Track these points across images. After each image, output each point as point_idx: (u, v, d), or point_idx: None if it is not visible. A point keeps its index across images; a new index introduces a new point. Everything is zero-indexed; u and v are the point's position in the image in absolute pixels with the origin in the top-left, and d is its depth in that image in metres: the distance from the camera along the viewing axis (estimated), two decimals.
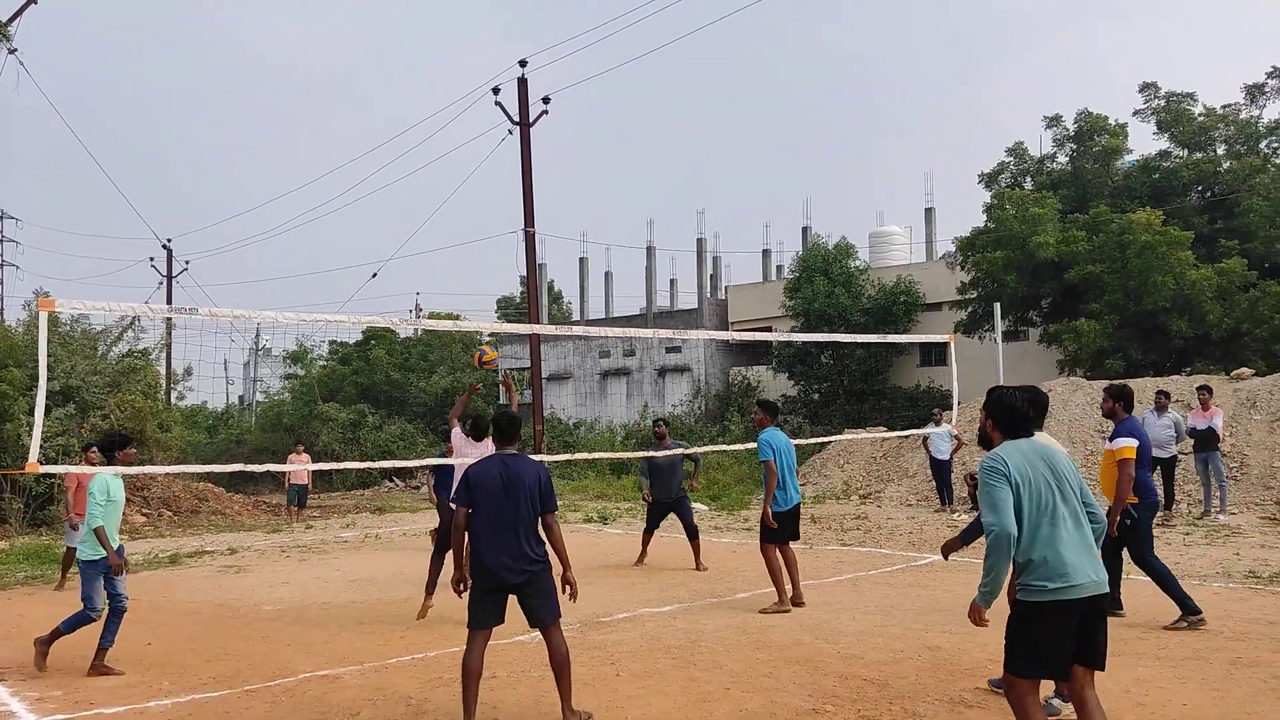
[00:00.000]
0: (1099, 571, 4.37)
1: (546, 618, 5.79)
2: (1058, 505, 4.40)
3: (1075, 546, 4.35)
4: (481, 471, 5.85)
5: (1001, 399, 4.64)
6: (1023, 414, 4.61)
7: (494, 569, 5.69)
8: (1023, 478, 4.40)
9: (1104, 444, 8.80)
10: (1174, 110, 27.13)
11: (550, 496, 5.87)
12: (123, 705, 6.50)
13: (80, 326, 22.39)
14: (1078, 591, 4.29)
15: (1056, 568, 4.30)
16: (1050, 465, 4.49)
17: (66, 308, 7.32)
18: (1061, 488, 4.45)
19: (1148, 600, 8.97)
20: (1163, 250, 22.80)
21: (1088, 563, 4.35)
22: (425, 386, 40.93)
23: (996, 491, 4.38)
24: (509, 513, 5.72)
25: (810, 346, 31.29)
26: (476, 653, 5.75)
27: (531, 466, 5.88)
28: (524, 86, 25.35)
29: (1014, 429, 4.61)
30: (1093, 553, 4.41)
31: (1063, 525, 4.37)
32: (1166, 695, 6.06)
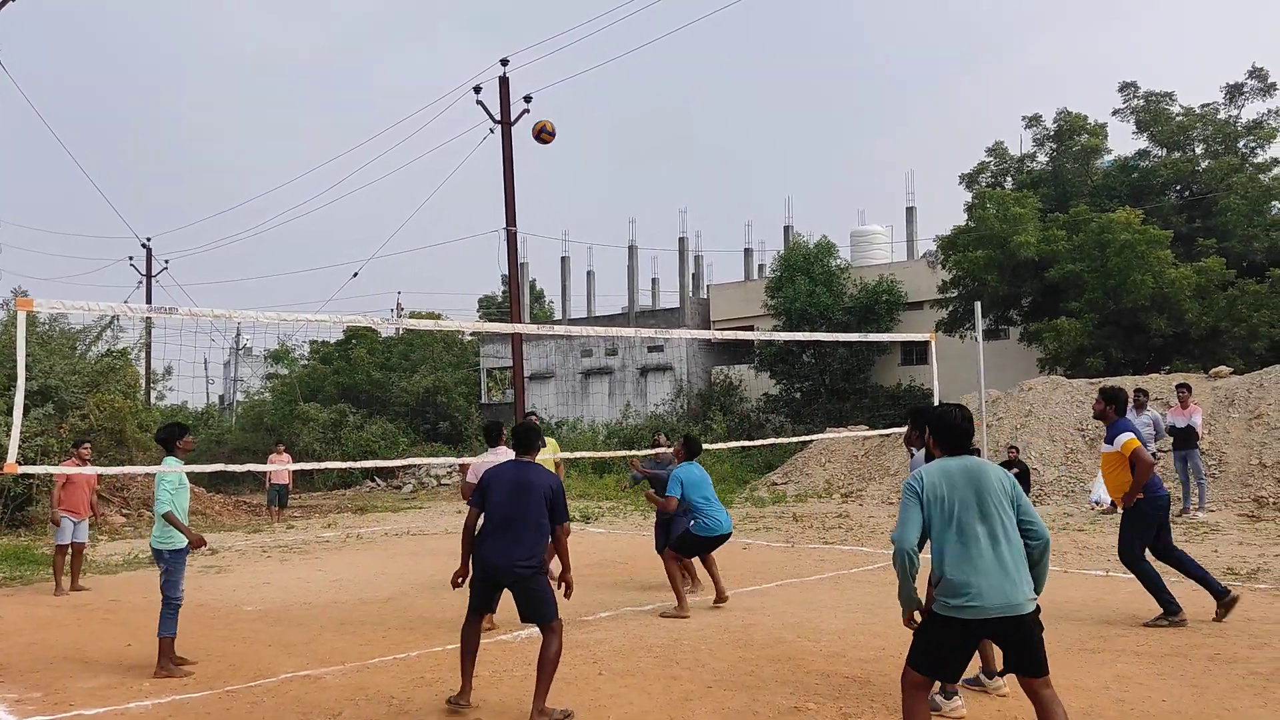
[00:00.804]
0: (1015, 593, 4.34)
1: (538, 618, 6.04)
2: (973, 525, 4.43)
3: (986, 568, 4.36)
4: (495, 475, 6.22)
5: (943, 417, 4.69)
6: (963, 431, 4.67)
7: (489, 565, 6.02)
8: (936, 496, 4.50)
9: (1097, 444, 8.87)
10: (1153, 110, 27.31)
11: (561, 508, 6.15)
12: (103, 706, 6.46)
13: (59, 326, 22.23)
14: (978, 613, 4.33)
15: (958, 587, 4.37)
16: (976, 485, 4.51)
17: (45, 307, 7.28)
18: (983, 508, 4.47)
19: (1127, 597, 9.05)
20: (1142, 249, 22.96)
21: (999, 584, 4.34)
22: (407, 386, 40.78)
23: (906, 508, 4.56)
24: (513, 515, 6.02)
25: (792, 345, 31.36)
26: (472, 629, 6.20)
27: (544, 476, 6.16)
28: (505, 85, 25.30)
29: (953, 446, 4.67)
30: (1011, 574, 4.37)
31: (975, 545, 4.40)
32: (1146, 691, 6.11)
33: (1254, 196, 24.79)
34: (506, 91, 25.28)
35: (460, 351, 45.85)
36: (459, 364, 44.49)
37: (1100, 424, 8.32)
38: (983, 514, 4.46)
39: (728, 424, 31.89)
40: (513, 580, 5.99)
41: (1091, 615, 8.27)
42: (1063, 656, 6.93)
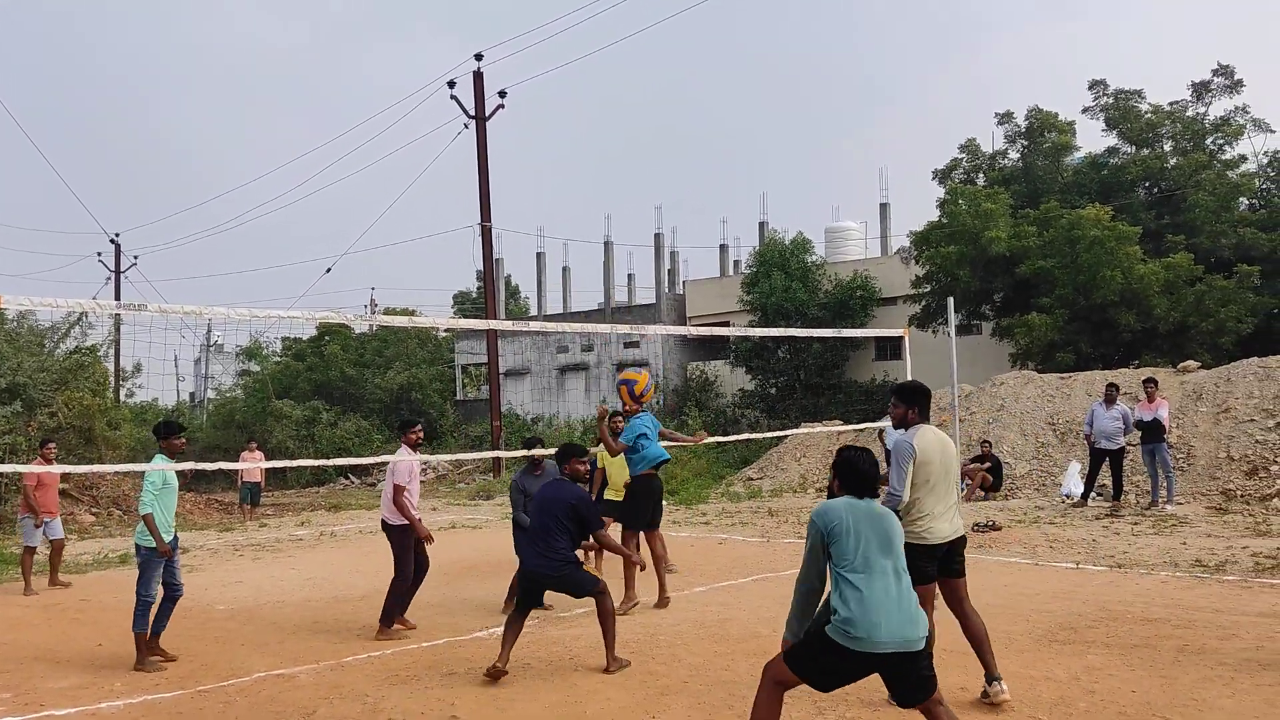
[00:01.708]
0: (912, 630, 4.44)
1: (584, 594, 6.99)
2: (878, 559, 4.52)
3: (883, 605, 4.42)
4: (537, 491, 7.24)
5: (849, 460, 4.80)
6: (867, 474, 4.77)
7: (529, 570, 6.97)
8: (838, 531, 4.57)
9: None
10: (1122, 107, 27.55)
11: (591, 519, 6.98)
12: (74, 707, 6.40)
13: (26, 323, 21.95)
14: (871, 646, 4.37)
15: (854, 622, 4.39)
16: (878, 525, 4.62)
17: (13, 304, 7.18)
18: (890, 543, 4.60)
19: (1097, 589, 9.15)
20: (1111, 245, 23.16)
21: (896, 621, 4.41)
22: (381, 383, 40.58)
23: (808, 542, 4.71)
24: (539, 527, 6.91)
25: (767, 341, 31.44)
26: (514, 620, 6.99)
27: (570, 491, 7.00)
28: (480, 80, 25.24)
29: (856, 488, 4.76)
30: (909, 611, 4.47)
31: (880, 579, 4.48)
32: (1116, 682, 6.18)
33: (1222, 193, 25.08)
34: (481, 87, 25.22)
35: (435, 348, 45.66)
36: (433, 360, 44.30)
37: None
38: (887, 549, 4.58)
39: (703, 419, 31.93)
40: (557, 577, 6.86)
41: (1062, 607, 8.35)
42: (1033, 648, 7.00)
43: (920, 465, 5.74)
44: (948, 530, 5.81)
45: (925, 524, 5.75)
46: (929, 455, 5.78)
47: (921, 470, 5.74)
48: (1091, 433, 14.49)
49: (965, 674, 6.33)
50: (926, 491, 5.76)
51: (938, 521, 5.78)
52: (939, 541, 5.78)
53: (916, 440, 5.81)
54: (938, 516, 5.78)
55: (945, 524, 5.81)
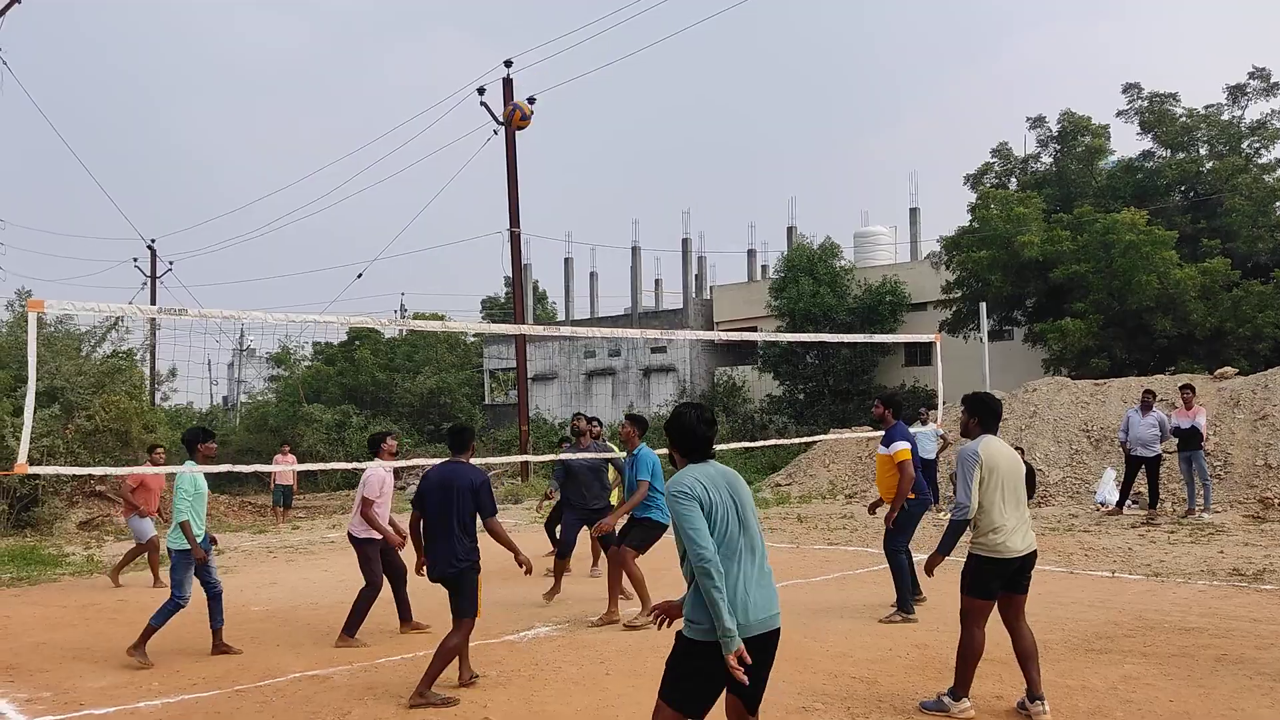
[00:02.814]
0: (774, 607, 4.07)
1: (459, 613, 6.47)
2: (739, 537, 4.05)
3: (751, 583, 4.01)
4: (427, 479, 6.64)
5: (680, 419, 4.23)
6: (702, 435, 4.19)
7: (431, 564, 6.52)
8: (712, 504, 4.03)
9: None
10: (1157, 111, 27.31)
11: (487, 503, 6.50)
12: (113, 706, 6.48)
13: (65, 327, 22.28)
14: (742, 631, 3.92)
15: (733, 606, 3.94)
16: (733, 493, 4.13)
17: (55, 308, 7.31)
18: (744, 517, 4.10)
19: (1133, 598, 9.05)
20: (1147, 250, 22.95)
21: (763, 600, 4.02)
22: (410, 387, 40.84)
23: (690, 517, 3.98)
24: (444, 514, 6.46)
25: (795, 346, 31.38)
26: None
27: (468, 474, 6.54)
28: (509, 87, 25.35)
29: (692, 450, 4.20)
30: (768, 588, 4.08)
31: (739, 559, 4.02)
32: (1154, 692, 6.12)
33: (1259, 197, 24.78)
34: (510, 93, 25.32)
35: (464, 352, 45.90)
36: (462, 365, 44.54)
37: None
38: (744, 524, 4.09)
39: (731, 425, 31.91)
40: (444, 574, 6.42)
41: (1098, 616, 8.27)
42: (1069, 657, 6.94)
43: (986, 475, 5.63)
44: (1021, 545, 5.65)
45: (998, 537, 5.61)
46: (994, 464, 5.66)
47: (988, 480, 5.63)
48: (1127, 440, 14.34)
49: (1000, 683, 6.30)
50: (995, 503, 5.63)
51: (1011, 536, 5.62)
52: (1012, 556, 5.62)
53: (982, 449, 5.70)
54: (1011, 530, 5.63)
55: (1019, 539, 5.64)
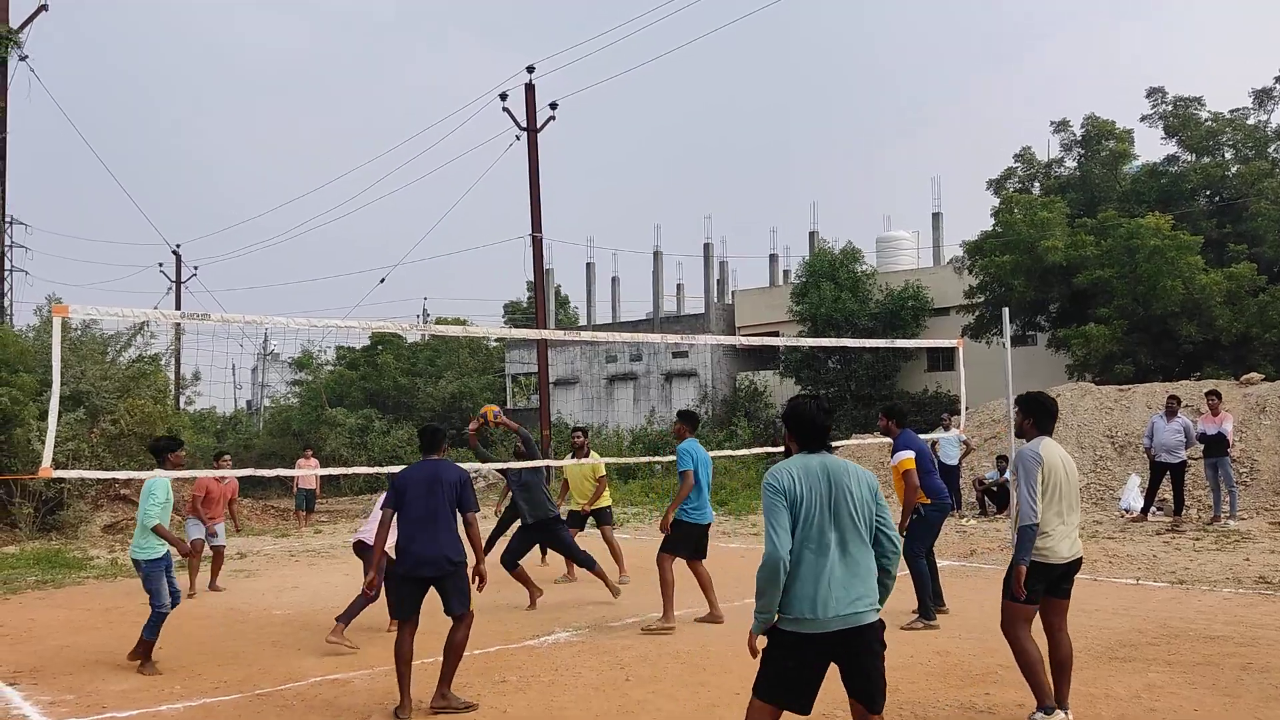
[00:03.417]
0: (861, 603, 4.05)
1: (457, 609, 6.39)
2: (828, 532, 4.08)
3: (835, 579, 4.04)
4: (407, 475, 6.50)
5: (796, 409, 4.34)
6: (819, 425, 4.28)
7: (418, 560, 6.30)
8: (799, 497, 4.10)
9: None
10: (1181, 115, 27.08)
11: (468, 499, 6.45)
12: (135, 709, 6.53)
13: (90, 332, 22.46)
14: (820, 626, 4.01)
15: (804, 599, 4.03)
16: (832, 485, 4.14)
17: (80, 313, 7.38)
18: (837, 511, 4.11)
19: (1158, 605, 8.97)
20: (1172, 255, 22.75)
21: (845, 597, 4.03)
22: (433, 391, 40.97)
23: (775, 511, 4.11)
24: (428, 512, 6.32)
25: (817, 351, 31.29)
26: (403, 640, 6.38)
27: (453, 469, 6.49)
28: (531, 92, 25.43)
29: (807, 440, 4.29)
30: (857, 586, 4.07)
31: (827, 554, 4.05)
32: (1178, 700, 6.06)
33: None
34: (532, 98, 25.40)
35: (485, 357, 46.02)
36: (484, 369, 44.64)
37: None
38: (837, 519, 4.11)
39: (753, 430, 31.83)
40: (440, 572, 6.26)
41: (1122, 624, 8.20)
42: (1093, 665, 6.88)
43: (1045, 478, 5.50)
44: (1067, 551, 5.53)
45: (1045, 543, 5.47)
46: (1052, 466, 5.53)
47: (1045, 483, 5.50)
48: (1152, 446, 14.22)
49: (1022, 690, 6.25)
50: (1047, 507, 5.50)
51: (1059, 542, 5.50)
52: (1058, 562, 5.51)
53: (1043, 450, 5.55)
54: (1060, 536, 5.50)
55: (1066, 544, 5.51)
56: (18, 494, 18.16)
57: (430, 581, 6.34)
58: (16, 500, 18.12)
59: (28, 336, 21.21)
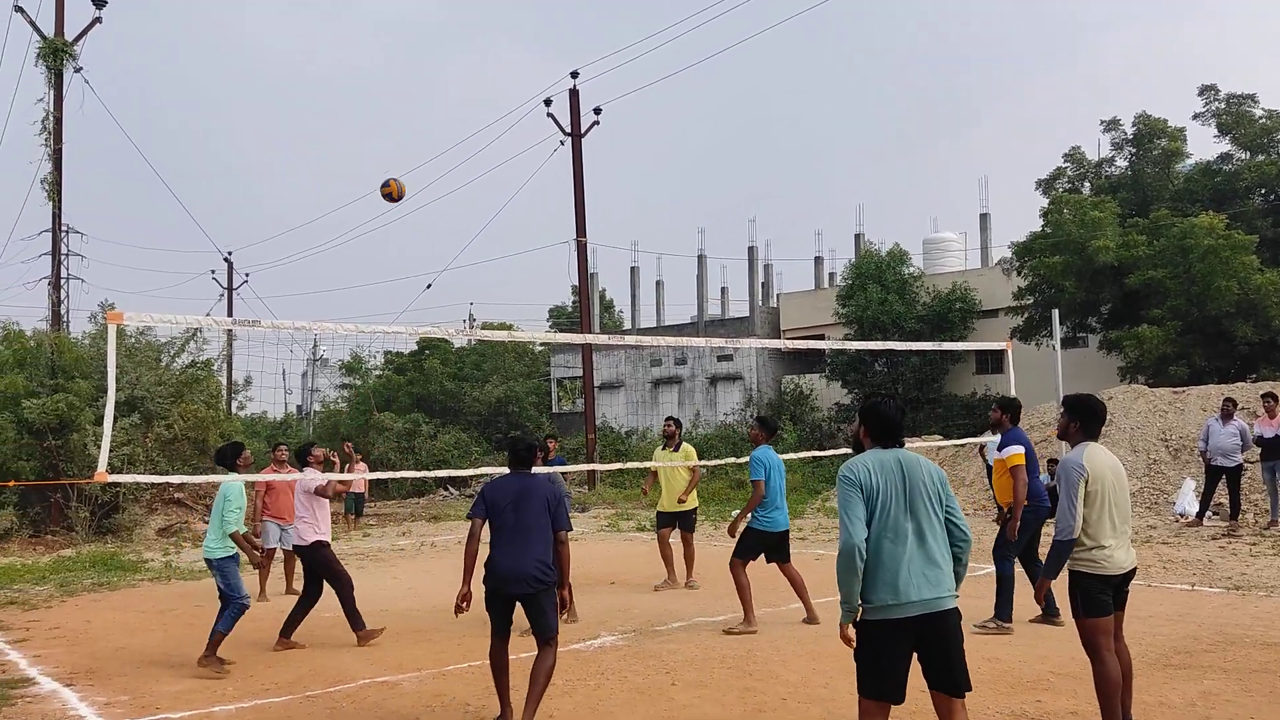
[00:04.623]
0: (938, 589, 4.26)
1: (545, 631, 6.00)
2: (904, 522, 4.31)
3: (914, 566, 4.25)
4: (498, 487, 6.17)
5: (877, 407, 4.59)
6: (894, 421, 4.55)
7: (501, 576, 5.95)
8: (875, 489, 4.34)
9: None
10: (1235, 113, 26.56)
11: (564, 517, 6.15)
12: (188, 710, 6.64)
13: (145, 338, 22.89)
14: (901, 611, 4.22)
15: (885, 586, 4.24)
16: (906, 477, 4.38)
17: (134, 320, 7.53)
18: (913, 502, 4.35)
19: (1213, 612, 8.79)
20: (1226, 254, 22.32)
21: (924, 583, 4.24)
22: (479, 396, 41.22)
23: (850, 502, 4.34)
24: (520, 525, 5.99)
25: (864, 354, 31.07)
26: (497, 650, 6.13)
27: (546, 485, 6.17)
28: (575, 98, 25.56)
29: (882, 435, 4.54)
30: (934, 572, 4.28)
31: (904, 543, 4.28)
32: (1234, 709, 5.94)
33: None
34: (576, 104, 25.53)
35: (531, 361, 46.26)
36: (530, 374, 44.86)
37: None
38: (912, 509, 4.34)
39: (799, 434, 31.67)
40: (529, 591, 5.91)
41: (1177, 630, 8.05)
42: (1147, 672, 6.75)
43: (1090, 487, 5.29)
44: (1126, 561, 5.37)
45: (1103, 553, 5.29)
46: (1099, 475, 5.32)
47: (1093, 492, 5.29)
48: (1207, 449, 13.96)
49: (1076, 699, 6.16)
50: (1103, 517, 5.30)
51: (1117, 552, 5.31)
52: (1117, 572, 5.33)
53: (1086, 459, 5.34)
54: (1116, 545, 5.31)
55: (1123, 554, 5.35)
56: (74, 498, 18.56)
57: (516, 599, 6.00)
58: (73, 504, 18.52)
59: (84, 343, 21.66)
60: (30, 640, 9.27)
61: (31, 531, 18.51)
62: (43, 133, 20.49)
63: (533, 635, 6.03)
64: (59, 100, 20.51)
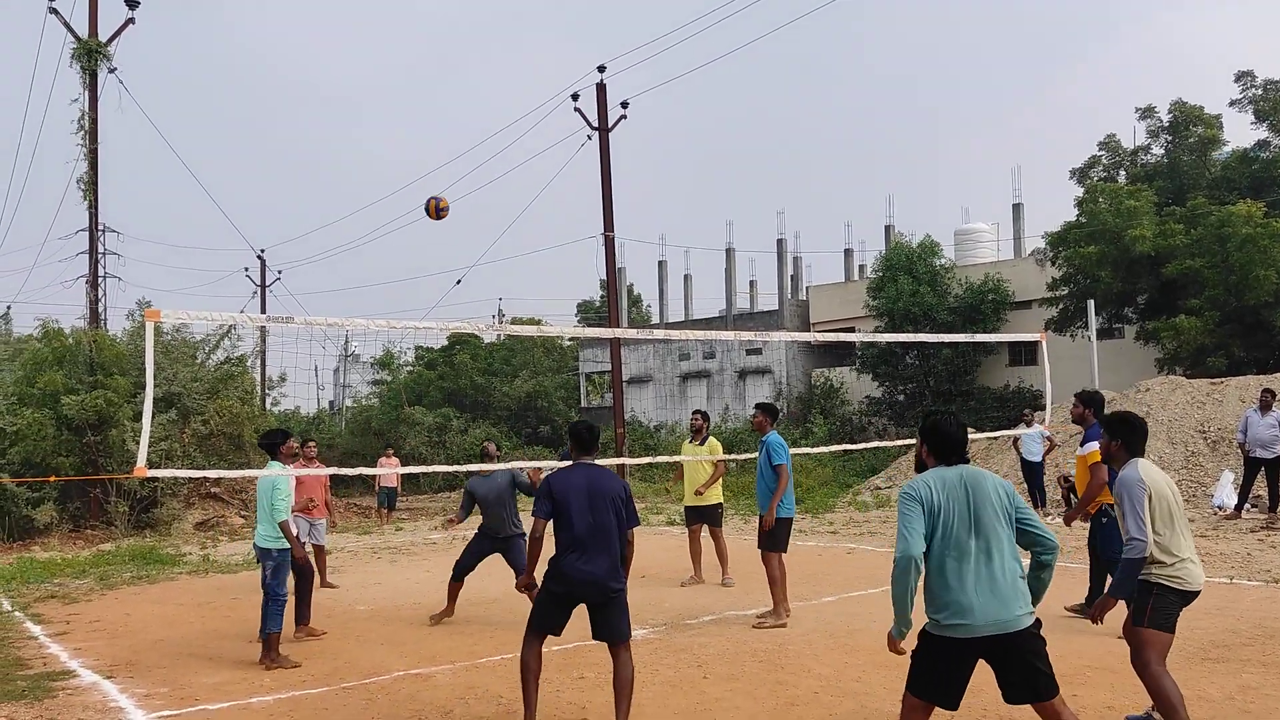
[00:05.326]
0: (1009, 610, 4.16)
1: (620, 636, 5.68)
2: (968, 540, 4.23)
3: (980, 585, 4.17)
4: (565, 481, 5.71)
5: (937, 425, 4.49)
6: (956, 438, 4.45)
7: (575, 580, 5.62)
8: (938, 507, 4.28)
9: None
10: (1272, 99, 26.15)
11: (632, 513, 5.82)
12: (227, 701, 6.72)
13: (181, 335, 23.16)
14: (968, 631, 4.15)
15: (950, 605, 4.19)
16: (971, 495, 4.30)
17: (171, 318, 7.62)
18: (979, 519, 4.26)
19: (1252, 605, 8.68)
20: (1265, 243, 22.00)
21: (992, 603, 4.16)
22: (509, 390, 41.39)
23: (909, 516, 4.29)
24: (596, 526, 5.62)
25: (895, 347, 30.87)
26: (535, 652, 5.78)
27: (614, 481, 5.80)
28: (602, 92, 25.52)
29: (943, 453, 4.45)
30: (1003, 591, 4.18)
31: (969, 561, 4.20)
32: (1273, 703, 5.86)
33: None
34: (604, 98, 25.49)
35: (560, 356, 46.38)
36: (559, 368, 44.99)
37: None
38: (978, 528, 4.25)
39: (829, 427, 31.56)
40: (602, 598, 5.63)
41: (1215, 624, 7.95)
42: (1185, 666, 6.68)
43: (1155, 502, 5.13)
44: (1201, 575, 5.21)
45: (1185, 569, 5.12)
46: (1159, 489, 5.17)
47: (1159, 506, 5.13)
48: (1246, 441, 13.77)
49: (1112, 693, 6.11)
50: (1176, 529, 5.15)
51: (1195, 565, 5.18)
52: (1198, 587, 5.16)
53: (1144, 473, 5.19)
54: (1193, 559, 5.18)
55: (1198, 568, 5.19)
56: (114, 493, 18.83)
57: (585, 604, 5.69)
58: (113, 499, 18.78)
59: (122, 340, 21.94)
60: (71, 633, 9.41)
61: (71, 526, 18.79)
62: (79, 132, 20.76)
63: (603, 641, 5.74)
64: (94, 101, 20.76)
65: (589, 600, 5.63)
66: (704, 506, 11.17)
